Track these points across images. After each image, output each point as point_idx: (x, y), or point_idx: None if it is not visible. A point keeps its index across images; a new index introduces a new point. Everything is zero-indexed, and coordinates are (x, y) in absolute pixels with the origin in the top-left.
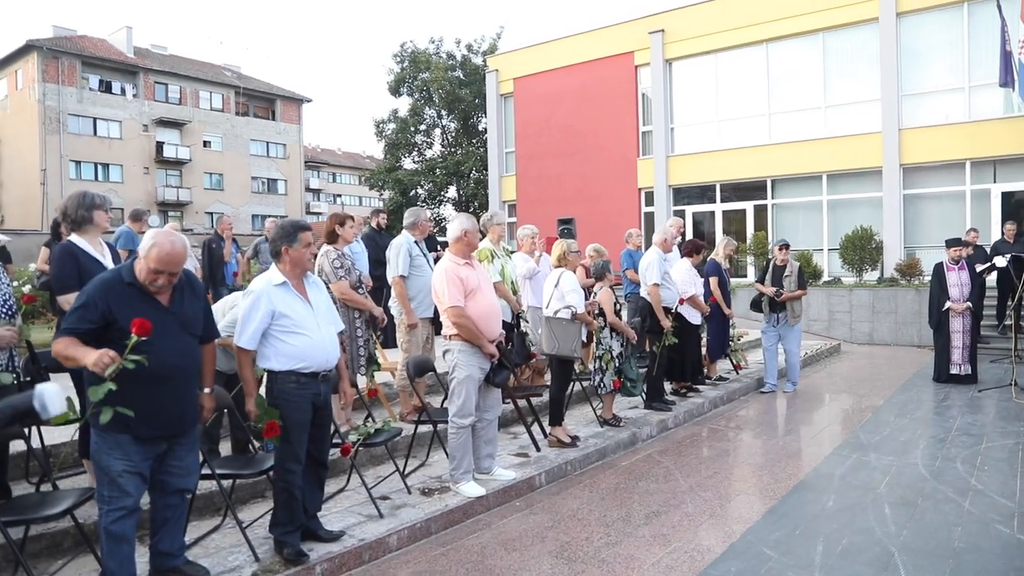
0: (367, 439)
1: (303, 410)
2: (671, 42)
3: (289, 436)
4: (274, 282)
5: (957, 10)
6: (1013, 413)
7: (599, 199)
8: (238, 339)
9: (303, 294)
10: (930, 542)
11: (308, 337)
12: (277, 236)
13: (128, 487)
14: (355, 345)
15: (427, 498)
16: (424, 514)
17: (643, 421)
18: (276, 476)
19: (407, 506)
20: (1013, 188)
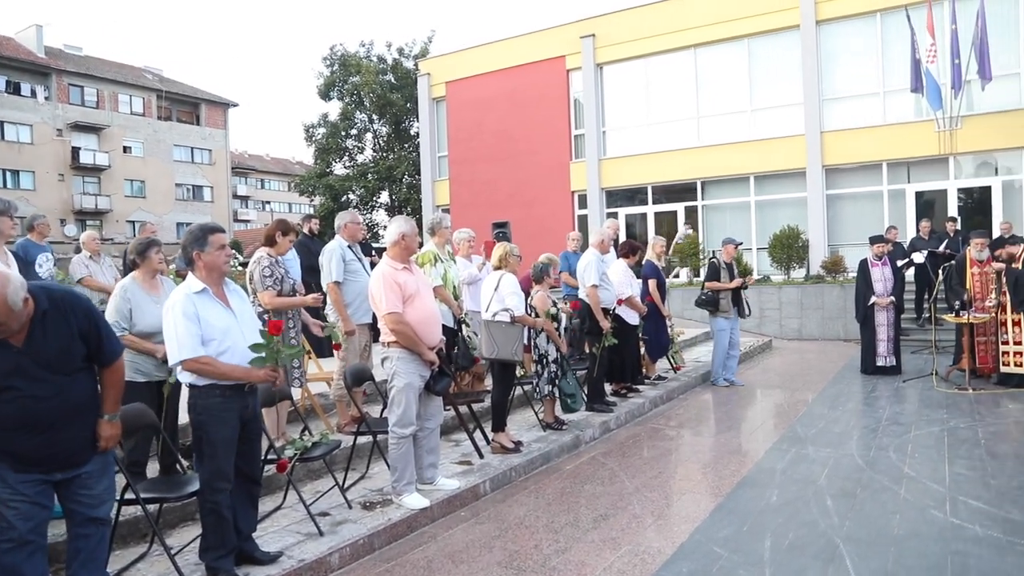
0: (304, 453)
1: (230, 425)
2: (602, 47)
3: (215, 453)
4: (193, 289)
5: (871, 19)
6: (936, 401)
7: (533, 203)
8: (180, 356)
9: (224, 301)
10: (871, 531)
11: (232, 347)
12: (187, 241)
13: (12, 518)
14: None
15: (369, 512)
16: (366, 529)
17: (585, 423)
18: (203, 497)
19: (348, 522)
20: (925, 188)
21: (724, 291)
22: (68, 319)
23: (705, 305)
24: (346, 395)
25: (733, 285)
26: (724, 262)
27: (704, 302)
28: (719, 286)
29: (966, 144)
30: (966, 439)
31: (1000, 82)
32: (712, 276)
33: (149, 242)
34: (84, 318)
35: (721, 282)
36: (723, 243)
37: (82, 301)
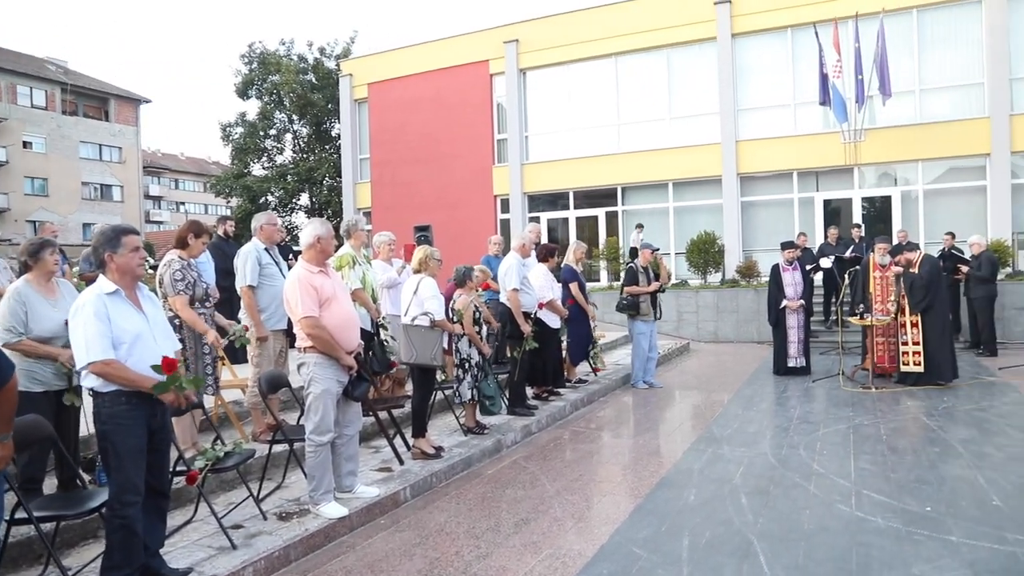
0: (216, 463)
1: (137, 434)
2: (525, 52)
3: (123, 464)
4: (105, 291)
5: (783, 34)
6: (842, 400)
7: (456, 206)
8: (88, 359)
9: (137, 305)
10: (783, 527)
11: (143, 353)
12: (98, 243)
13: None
14: (201, 363)
15: (285, 523)
16: (282, 541)
17: (507, 427)
18: (111, 512)
19: (263, 534)
20: (832, 196)
21: (643, 295)
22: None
23: (625, 309)
24: (261, 402)
25: (651, 289)
26: (641, 267)
27: (624, 306)
28: (638, 290)
29: (869, 156)
30: (869, 436)
31: (899, 98)
32: (631, 281)
33: (42, 243)
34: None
35: (639, 286)
36: (640, 247)
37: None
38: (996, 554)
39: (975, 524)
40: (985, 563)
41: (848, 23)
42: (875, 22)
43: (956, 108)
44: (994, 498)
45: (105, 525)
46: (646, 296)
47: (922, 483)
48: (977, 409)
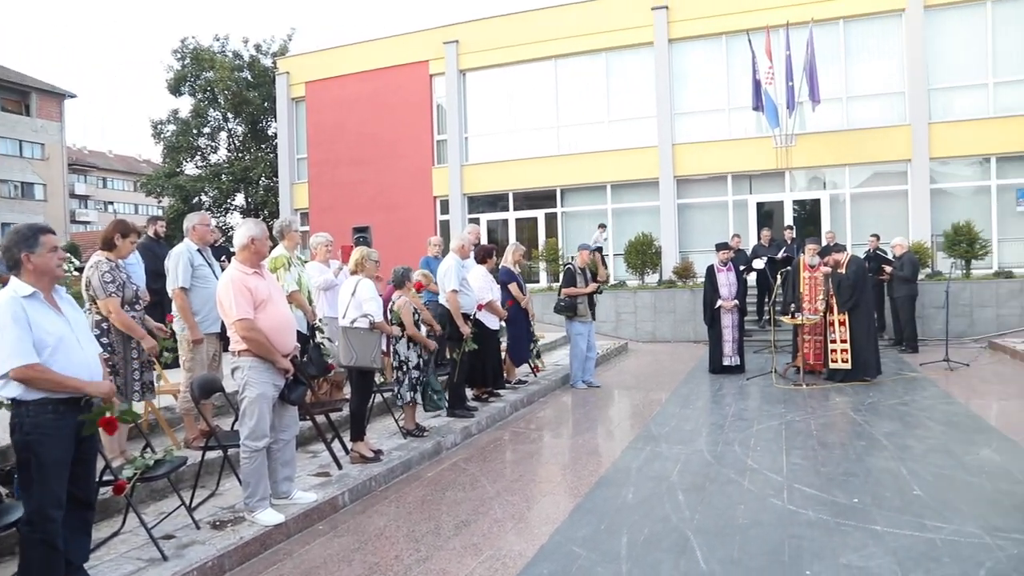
0: (145, 472)
1: (63, 446)
2: (465, 53)
3: (46, 477)
4: (21, 293)
5: (718, 41)
6: (775, 397)
7: (395, 207)
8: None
9: (56, 308)
10: (719, 522)
11: (67, 357)
12: (13, 242)
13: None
14: (130, 368)
15: (219, 532)
16: (216, 550)
17: (447, 429)
18: (30, 527)
19: (196, 543)
20: (765, 199)
21: (581, 296)
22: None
23: (563, 310)
24: (194, 408)
25: (588, 290)
26: (579, 268)
27: (562, 307)
28: (575, 291)
29: (799, 160)
30: (801, 431)
31: (827, 105)
32: (569, 282)
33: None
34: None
35: (577, 287)
36: (578, 249)
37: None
38: (916, 541)
39: (898, 513)
40: (907, 550)
41: (780, 32)
42: (805, 31)
43: (880, 115)
44: (915, 488)
45: (23, 541)
46: (583, 297)
47: (850, 476)
48: (900, 404)
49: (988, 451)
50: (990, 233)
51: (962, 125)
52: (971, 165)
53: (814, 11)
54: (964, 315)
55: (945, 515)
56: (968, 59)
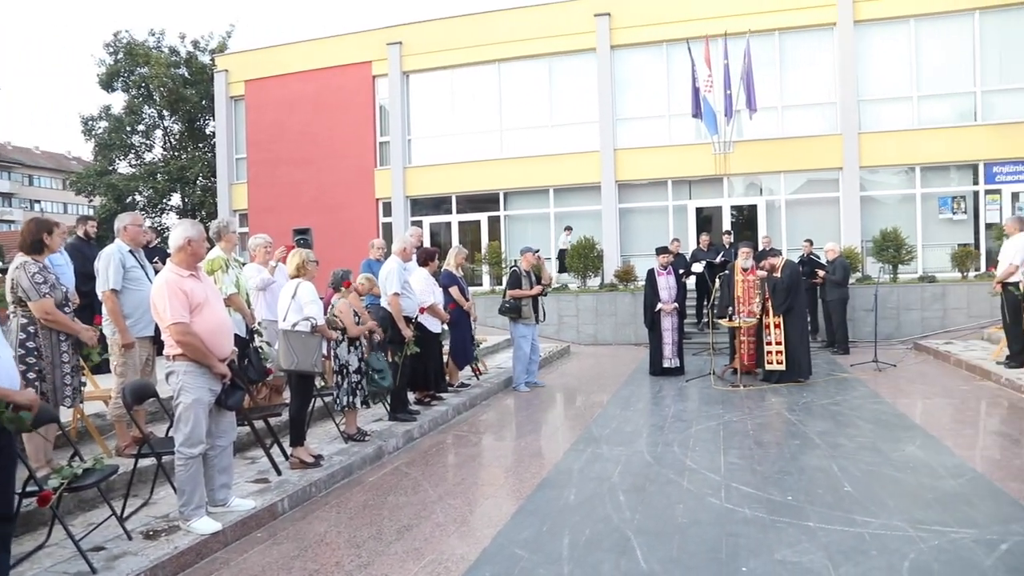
0: (73, 482)
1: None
2: (408, 55)
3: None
4: None
5: (659, 49)
6: (713, 398)
7: (337, 209)
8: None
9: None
10: (659, 522)
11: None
12: None
13: None
14: (59, 373)
15: (152, 542)
16: (149, 561)
17: (388, 433)
18: None
19: (127, 555)
20: (704, 204)
21: (525, 298)
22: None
23: (508, 312)
24: (125, 415)
25: (533, 292)
26: (524, 270)
27: (507, 309)
28: (520, 293)
29: (737, 167)
30: (738, 431)
31: (764, 113)
32: (514, 284)
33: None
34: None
35: (522, 289)
36: (521, 252)
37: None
38: (846, 535)
39: (829, 509)
40: (837, 545)
41: (718, 41)
42: (742, 42)
43: (813, 125)
44: (846, 485)
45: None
46: (528, 299)
47: (784, 474)
48: (832, 403)
49: (913, 448)
50: (915, 239)
51: (889, 136)
52: (898, 174)
53: (751, 22)
54: (891, 318)
55: (873, 510)
56: (895, 73)
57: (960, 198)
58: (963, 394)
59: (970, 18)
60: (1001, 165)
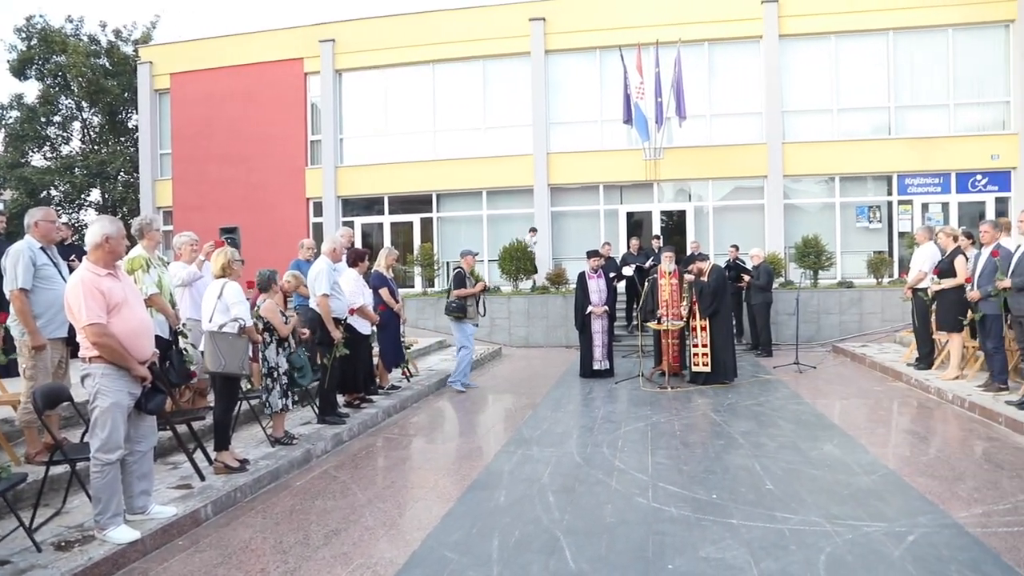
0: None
1: None
2: (341, 53)
3: None
4: None
5: (593, 55)
6: (642, 400)
7: (266, 208)
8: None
9: None
10: (588, 522)
11: None
12: None
13: None
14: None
15: (64, 553)
16: (59, 574)
17: (317, 436)
18: None
19: (36, 567)
20: (635, 209)
21: (470, 298)
22: None
23: (454, 312)
24: (36, 420)
25: (477, 289)
26: (466, 271)
27: (453, 309)
28: (466, 292)
29: (667, 173)
30: (665, 432)
31: (693, 121)
32: (459, 284)
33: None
34: None
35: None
36: (461, 255)
37: None
38: (768, 532)
39: (752, 507)
40: (759, 541)
41: (650, 49)
42: (673, 51)
43: (740, 134)
44: (767, 483)
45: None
46: (472, 299)
47: (709, 473)
48: (755, 404)
49: (830, 446)
50: (835, 246)
51: (811, 146)
52: (819, 183)
53: (682, 32)
54: (812, 321)
55: (792, 507)
56: (817, 86)
57: (876, 208)
58: (877, 395)
59: (884, 38)
60: (912, 177)
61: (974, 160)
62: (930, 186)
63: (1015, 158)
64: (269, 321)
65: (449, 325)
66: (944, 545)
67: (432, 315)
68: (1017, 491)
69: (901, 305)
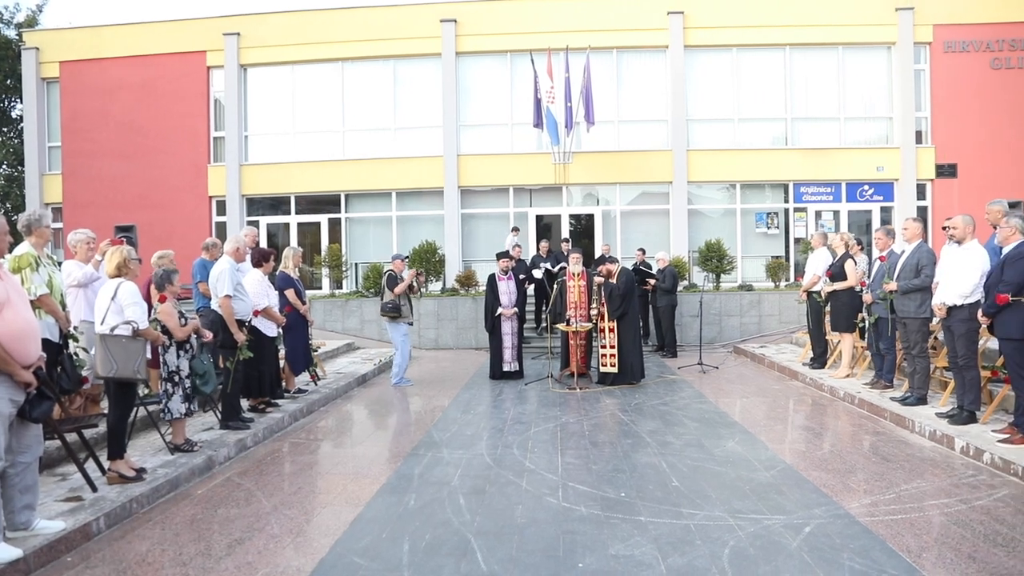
0: None
1: None
2: (247, 47)
3: None
4: None
5: (503, 58)
6: (551, 401)
7: (165, 206)
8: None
9: None
10: (498, 523)
11: None
12: None
13: None
14: None
15: None
16: None
17: (219, 443)
18: None
19: None
20: (544, 212)
21: (403, 297)
22: None
23: (390, 311)
24: None
25: (411, 276)
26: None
27: (388, 309)
28: (401, 287)
29: (576, 177)
30: (574, 432)
31: (602, 127)
32: (393, 284)
33: None
34: None
35: (398, 290)
36: (392, 259)
37: None
38: (674, 528)
39: (659, 504)
40: (666, 536)
41: (560, 55)
42: (583, 57)
43: (647, 140)
44: (674, 480)
45: None
46: (405, 300)
47: (618, 472)
48: (662, 404)
49: (732, 443)
50: (736, 251)
51: (714, 154)
52: (721, 190)
53: (591, 39)
54: (715, 323)
55: (698, 503)
56: (719, 96)
57: (773, 214)
58: (775, 393)
59: (782, 52)
60: (807, 186)
61: (862, 171)
62: (823, 195)
63: (898, 170)
64: (165, 324)
65: (359, 327)
66: (837, 534)
67: (340, 317)
68: (901, 481)
69: (797, 307)
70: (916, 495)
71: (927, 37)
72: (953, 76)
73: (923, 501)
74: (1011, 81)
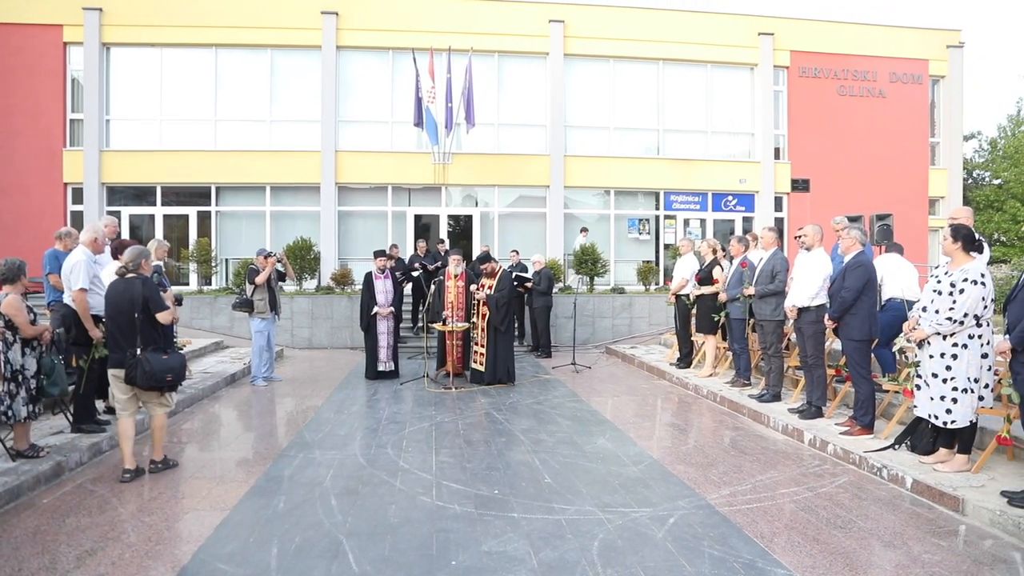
0: None
1: None
2: (110, 24)
3: None
4: None
5: (385, 55)
6: (427, 400)
7: (12, 192)
8: None
9: None
10: (371, 523)
11: None
12: None
13: None
14: None
15: None
16: None
17: (71, 447)
18: None
19: None
20: (423, 212)
21: (259, 290)
22: None
23: (242, 307)
24: None
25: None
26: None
27: (240, 304)
28: (262, 277)
29: (455, 178)
30: (449, 431)
31: (482, 129)
32: (253, 277)
33: None
34: None
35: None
36: (257, 254)
37: None
38: (547, 523)
39: (532, 500)
40: (539, 532)
41: (443, 55)
42: (465, 59)
43: (526, 144)
44: (546, 476)
45: None
46: (263, 295)
47: (492, 470)
48: (536, 403)
49: (603, 440)
50: (609, 255)
51: (590, 160)
52: (596, 195)
53: (474, 41)
54: (588, 324)
55: (569, 498)
56: (596, 105)
57: (645, 221)
58: (644, 391)
59: (655, 66)
60: (676, 195)
61: (726, 183)
62: (691, 203)
63: (758, 183)
64: (11, 319)
65: (228, 326)
66: (699, 524)
67: (208, 315)
68: (756, 473)
69: (666, 309)
70: (769, 485)
71: (785, 61)
72: (807, 99)
73: (775, 490)
74: (854, 107)
